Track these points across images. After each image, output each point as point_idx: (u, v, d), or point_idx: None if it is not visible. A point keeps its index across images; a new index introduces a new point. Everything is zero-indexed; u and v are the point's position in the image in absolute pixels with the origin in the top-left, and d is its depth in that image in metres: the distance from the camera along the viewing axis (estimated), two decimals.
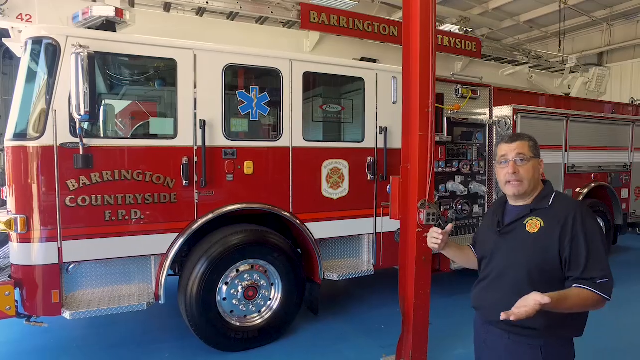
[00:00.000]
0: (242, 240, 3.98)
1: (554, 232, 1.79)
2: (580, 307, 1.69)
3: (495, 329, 1.93)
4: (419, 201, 3.28)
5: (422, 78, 3.21)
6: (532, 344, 1.83)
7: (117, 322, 4.67)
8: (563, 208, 1.84)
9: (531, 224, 1.86)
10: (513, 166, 1.90)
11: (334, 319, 4.87)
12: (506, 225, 1.96)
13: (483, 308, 2.02)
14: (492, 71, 7.16)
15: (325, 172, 4.38)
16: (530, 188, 1.91)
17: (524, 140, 1.95)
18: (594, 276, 1.70)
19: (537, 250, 1.80)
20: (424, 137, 3.25)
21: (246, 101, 4.01)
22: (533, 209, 1.89)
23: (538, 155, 1.95)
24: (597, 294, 1.67)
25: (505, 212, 2.03)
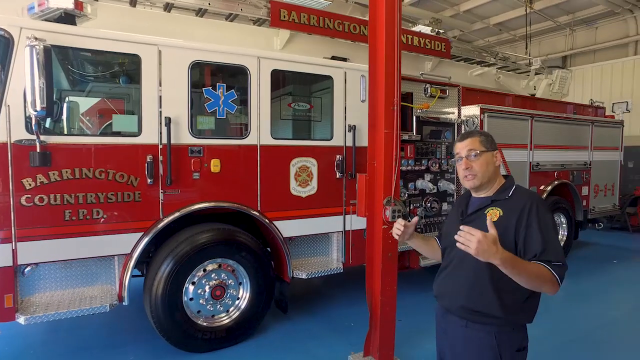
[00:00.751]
0: (210, 239, 3.93)
1: (511, 220, 1.88)
2: (534, 277, 1.72)
3: (454, 317, 2.01)
4: (385, 198, 3.32)
5: (388, 76, 3.25)
6: (487, 331, 1.90)
7: (80, 326, 4.54)
8: (520, 199, 1.94)
9: (491, 213, 1.94)
10: (465, 162, 2.01)
11: (303, 317, 4.87)
12: (468, 215, 2.05)
13: (444, 295, 2.09)
14: (461, 72, 7.31)
15: (293, 170, 4.37)
16: (486, 180, 2.00)
17: (474, 136, 2.05)
18: (550, 259, 1.78)
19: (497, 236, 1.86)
20: (390, 135, 3.29)
21: (213, 98, 3.96)
22: (494, 200, 1.99)
23: (492, 149, 2.02)
24: (552, 273, 1.74)
25: (469, 203, 2.13)
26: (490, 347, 1.89)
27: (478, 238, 1.60)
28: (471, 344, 1.95)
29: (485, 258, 1.63)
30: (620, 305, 5.56)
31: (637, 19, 12.91)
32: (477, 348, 1.93)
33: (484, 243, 1.60)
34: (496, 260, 1.62)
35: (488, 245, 1.60)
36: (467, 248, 1.63)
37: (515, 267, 1.68)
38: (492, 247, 1.61)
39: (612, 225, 10.56)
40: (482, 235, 1.60)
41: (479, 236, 1.60)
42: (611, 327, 4.82)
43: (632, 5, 12.41)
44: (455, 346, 2.03)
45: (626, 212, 9.98)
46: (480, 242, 1.59)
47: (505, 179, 2.07)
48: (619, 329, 4.82)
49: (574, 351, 4.15)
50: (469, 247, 1.62)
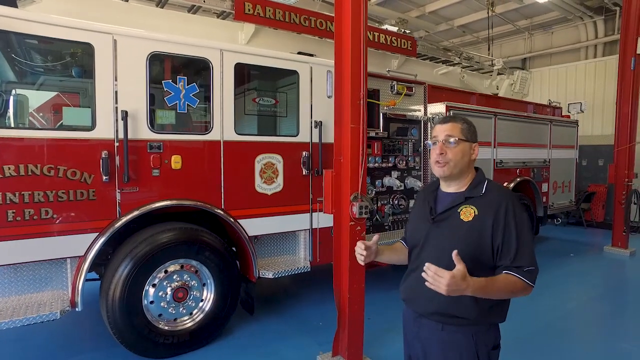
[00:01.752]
0: (171, 238, 3.75)
1: (487, 220, 1.79)
2: (507, 293, 1.72)
3: (428, 322, 1.90)
4: (352, 194, 3.26)
5: (354, 69, 3.20)
6: (464, 332, 1.84)
7: (29, 336, 4.23)
8: (496, 197, 1.84)
9: (465, 212, 1.83)
10: (441, 147, 1.86)
11: (271, 318, 4.76)
12: (439, 213, 1.90)
13: (415, 300, 1.96)
14: (426, 70, 7.40)
15: (258, 167, 4.25)
16: (457, 171, 1.86)
17: (457, 122, 1.91)
18: (522, 264, 1.73)
19: (472, 238, 1.79)
20: (356, 130, 3.24)
21: (173, 92, 3.79)
22: (467, 197, 1.87)
23: (472, 140, 1.90)
24: (524, 281, 1.72)
25: (437, 198, 1.97)
26: (469, 348, 1.84)
27: (447, 281, 1.54)
28: (449, 347, 1.87)
29: (458, 294, 1.59)
30: (577, 296, 5.77)
31: (587, 26, 13.60)
32: (455, 350, 1.86)
33: (453, 284, 1.54)
34: (468, 293, 1.60)
35: (457, 285, 1.55)
36: (437, 289, 1.58)
37: (486, 291, 1.66)
38: (462, 283, 1.56)
39: (569, 221, 11.03)
40: (449, 276, 1.53)
41: (447, 279, 1.53)
42: (571, 317, 4.99)
43: (582, 13, 13.05)
44: (431, 351, 1.94)
45: (581, 208, 10.45)
46: (450, 285, 1.54)
47: (476, 172, 1.96)
48: (578, 319, 5.00)
49: (538, 342, 4.26)
50: (439, 288, 1.56)
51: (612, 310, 5.27)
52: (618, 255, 7.93)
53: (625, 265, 7.44)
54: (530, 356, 3.95)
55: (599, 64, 13.02)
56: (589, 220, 10.76)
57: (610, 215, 10.25)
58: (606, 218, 10.65)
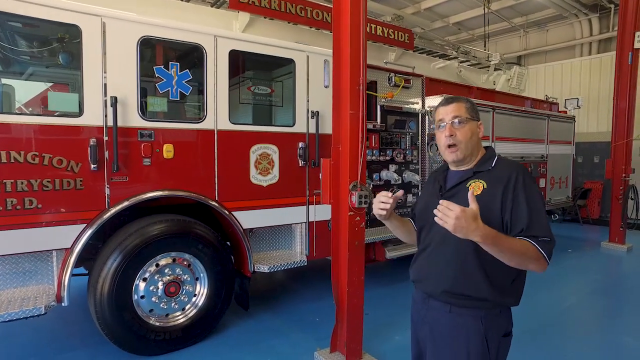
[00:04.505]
0: (163, 230, 3.61)
1: (496, 193, 1.72)
2: (518, 254, 1.59)
3: (436, 302, 1.83)
4: (351, 183, 3.14)
5: (353, 52, 3.08)
6: (473, 315, 1.74)
7: (11, 334, 4.06)
8: (505, 169, 1.78)
9: (474, 186, 1.78)
10: (450, 129, 1.81)
11: (266, 313, 4.62)
12: (448, 190, 1.86)
13: (424, 280, 1.89)
14: (423, 64, 7.31)
15: (253, 158, 4.12)
16: (469, 152, 1.83)
17: (461, 101, 1.86)
18: (536, 233, 1.64)
19: (481, 211, 1.65)
20: (355, 116, 3.12)
21: (165, 78, 3.65)
22: (476, 172, 1.82)
23: (476, 118, 1.86)
24: (537, 250, 1.61)
25: (447, 178, 1.94)
26: (477, 332, 1.73)
27: (456, 214, 1.47)
28: (456, 330, 1.78)
29: (464, 235, 1.50)
30: (577, 291, 5.70)
31: (582, 23, 13.61)
32: (462, 334, 1.76)
33: (462, 219, 1.47)
34: (476, 237, 1.50)
35: (467, 221, 1.47)
36: (445, 224, 1.50)
37: (497, 244, 1.54)
38: (471, 223, 1.48)
39: (565, 217, 11.00)
40: (460, 210, 1.47)
41: (457, 211, 1.47)
42: (571, 312, 4.91)
43: (577, 10, 13.06)
44: (438, 334, 1.84)
45: (577, 205, 10.42)
46: (459, 218, 1.47)
47: (486, 150, 1.91)
48: (578, 314, 4.92)
49: (538, 338, 4.16)
50: (447, 222, 1.49)
51: (612, 305, 5.20)
52: (615, 251, 7.89)
53: (622, 261, 7.40)
54: (530, 351, 3.85)
55: (594, 61, 13.03)
56: (584, 216, 10.74)
57: (605, 212, 10.24)
58: (601, 215, 10.65)
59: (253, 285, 5.42)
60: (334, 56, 3.30)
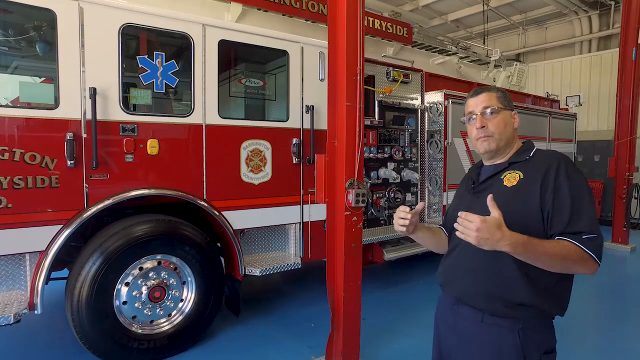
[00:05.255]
0: (147, 232, 3.38)
1: (534, 183, 1.55)
2: (558, 259, 1.41)
3: (466, 309, 1.64)
4: (347, 181, 2.92)
5: (350, 40, 2.85)
6: (509, 326, 1.53)
7: None
8: (545, 158, 1.61)
9: (509, 177, 1.63)
10: (480, 120, 1.69)
11: (258, 319, 4.39)
12: (481, 183, 1.73)
13: (453, 282, 1.72)
14: (422, 59, 7.10)
15: (244, 154, 3.89)
16: (503, 143, 1.69)
17: (491, 91, 1.74)
18: (580, 230, 1.44)
19: (516, 204, 1.54)
20: (352, 108, 2.90)
21: (149, 69, 3.41)
22: (512, 162, 1.68)
23: (510, 107, 1.73)
24: (582, 250, 1.41)
25: (480, 173, 1.81)
26: (513, 347, 1.52)
27: (476, 225, 1.32)
28: (488, 344, 1.57)
29: (490, 247, 1.34)
30: (582, 294, 5.50)
31: (581, 21, 13.48)
32: (496, 349, 1.55)
33: (484, 230, 1.31)
34: (504, 247, 1.33)
35: (489, 232, 1.32)
36: (467, 237, 1.36)
37: (530, 251, 1.37)
38: (495, 233, 1.32)
39: None
40: (480, 221, 1.32)
41: (477, 223, 1.32)
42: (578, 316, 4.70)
43: (577, 7, 12.93)
44: (467, 346, 1.64)
45: None
46: (480, 230, 1.32)
47: (522, 144, 1.76)
48: (585, 317, 4.72)
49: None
50: (468, 236, 1.35)
51: (618, 307, 5.01)
52: (618, 251, 7.70)
53: (626, 262, 7.22)
54: None
55: (594, 58, 12.88)
56: None
57: (606, 211, 10.05)
58: (602, 214, 10.46)
59: (245, 288, 5.19)
60: (329, 45, 3.08)
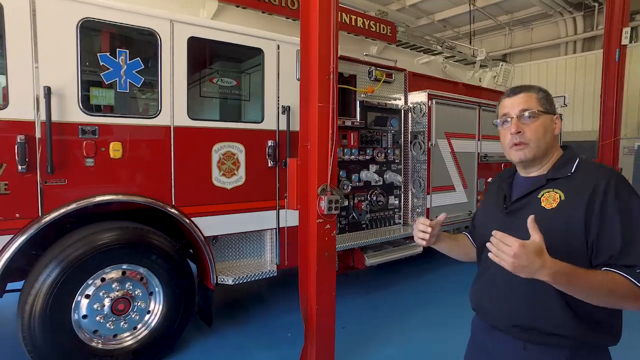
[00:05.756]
0: (112, 240, 3.18)
1: (577, 207, 1.36)
2: (604, 293, 1.24)
3: (505, 337, 1.49)
4: (319, 186, 2.76)
5: (322, 36, 2.69)
6: (555, 356, 1.39)
7: None
8: (590, 176, 1.41)
9: (547, 197, 1.44)
10: (516, 125, 1.49)
11: (233, 329, 4.20)
12: (514, 201, 1.54)
13: (488, 310, 1.56)
14: (407, 59, 6.98)
15: (216, 157, 3.70)
16: (541, 152, 1.50)
17: (531, 91, 1.53)
18: (633, 263, 1.26)
19: (557, 231, 1.36)
20: (324, 110, 2.73)
21: (112, 67, 3.20)
22: (550, 179, 1.47)
23: (552, 111, 1.52)
24: (636, 285, 1.23)
25: (513, 185, 1.61)
26: None
27: (514, 250, 1.17)
28: None
29: (528, 275, 1.19)
30: None
31: (566, 22, 13.55)
32: None
33: (523, 257, 1.17)
34: (543, 276, 1.19)
35: (528, 259, 1.17)
36: (501, 262, 1.21)
37: (573, 283, 1.22)
38: (535, 260, 1.17)
39: None
40: (518, 246, 1.17)
41: (515, 248, 1.17)
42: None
43: (562, 8, 12.98)
44: None
45: None
46: (518, 256, 1.17)
47: (563, 150, 1.56)
48: None
49: None
50: (503, 260, 1.20)
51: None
52: None
53: None
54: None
55: (579, 59, 12.94)
56: None
57: None
58: None
59: (219, 296, 5.00)
60: (301, 41, 2.91)
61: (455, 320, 4.40)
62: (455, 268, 6.39)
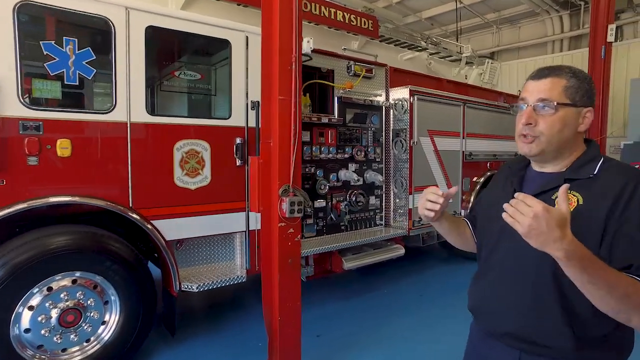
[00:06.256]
0: (62, 244, 2.91)
1: (597, 212, 1.19)
2: (620, 294, 1.08)
3: (499, 344, 1.38)
4: (281, 187, 2.52)
5: (283, 21, 2.45)
6: None
7: None
8: (615, 178, 1.22)
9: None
10: (528, 115, 1.30)
11: (200, 338, 3.94)
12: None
13: (485, 314, 1.46)
14: (390, 54, 6.78)
15: (178, 156, 3.44)
16: (552, 148, 1.30)
17: (562, 76, 1.30)
18: None
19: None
20: (286, 103, 2.50)
21: (58, 57, 2.93)
22: (569, 179, 1.27)
23: (581, 104, 1.29)
24: None
25: (525, 178, 1.44)
26: None
27: (535, 211, 1.03)
28: None
29: (541, 244, 1.05)
30: None
31: (553, 20, 13.53)
32: None
33: (543, 221, 1.02)
34: (557, 250, 1.04)
35: (548, 226, 1.02)
36: (515, 223, 1.08)
37: (587, 269, 1.06)
38: (554, 229, 1.03)
39: None
40: (542, 208, 1.03)
41: (537, 209, 1.03)
42: None
43: (549, 7, 12.95)
44: None
45: None
46: (537, 217, 1.03)
47: (586, 146, 1.36)
48: None
49: None
50: (519, 222, 1.06)
51: None
52: None
53: None
54: None
55: (566, 57, 12.90)
56: None
57: None
58: None
59: (189, 302, 4.75)
60: (262, 29, 2.67)
61: (439, 327, 4.21)
62: (439, 270, 6.20)
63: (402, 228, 5.25)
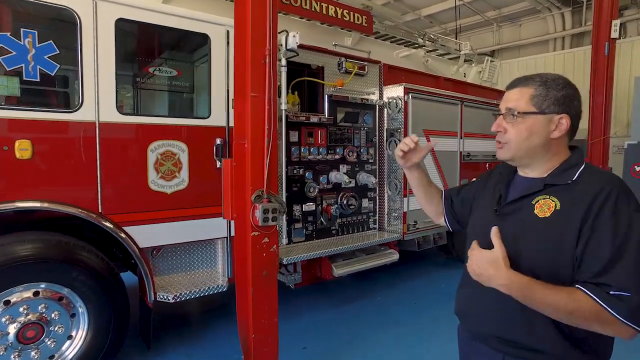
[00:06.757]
0: (26, 254, 2.70)
1: (573, 219, 1.23)
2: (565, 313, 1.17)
3: (484, 347, 1.43)
4: (254, 193, 2.29)
5: (256, 11, 2.21)
6: None
7: None
8: (591, 185, 1.26)
9: (542, 204, 1.33)
10: (497, 123, 1.40)
11: (178, 351, 3.69)
12: (507, 203, 1.42)
13: (469, 316, 1.52)
14: (385, 51, 6.53)
15: (153, 158, 3.21)
16: (521, 155, 1.37)
17: (529, 86, 1.35)
18: (609, 282, 1.15)
19: (548, 243, 1.27)
20: (258, 101, 2.26)
21: (15, 50, 2.70)
22: (548, 184, 1.33)
23: (550, 110, 1.32)
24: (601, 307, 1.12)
25: (511, 183, 1.49)
26: None
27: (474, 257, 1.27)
28: None
29: (485, 282, 1.25)
30: None
31: (555, 18, 13.32)
32: None
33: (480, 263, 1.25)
34: (498, 285, 1.21)
35: (480, 267, 1.24)
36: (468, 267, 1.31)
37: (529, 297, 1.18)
38: (487, 269, 1.23)
39: None
40: (477, 252, 1.27)
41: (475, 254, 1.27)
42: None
43: (550, 4, 12.72)
44: None
45: None
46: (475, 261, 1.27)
47: (570, 152, 1.39)
48: None
49: None
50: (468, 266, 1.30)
51: None
52: None
53: None
54: None
55: (567, 55, 12.67)
56: None
57: None
58: None
59: (165, 309, 4.50)
60: (235, 20, 2.43)
61: (433, 337, 3.98)
62: (434, 276, 5.97)
63: (397, 232, 5.02)
